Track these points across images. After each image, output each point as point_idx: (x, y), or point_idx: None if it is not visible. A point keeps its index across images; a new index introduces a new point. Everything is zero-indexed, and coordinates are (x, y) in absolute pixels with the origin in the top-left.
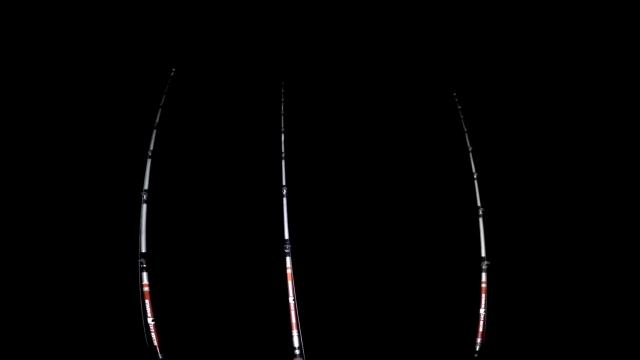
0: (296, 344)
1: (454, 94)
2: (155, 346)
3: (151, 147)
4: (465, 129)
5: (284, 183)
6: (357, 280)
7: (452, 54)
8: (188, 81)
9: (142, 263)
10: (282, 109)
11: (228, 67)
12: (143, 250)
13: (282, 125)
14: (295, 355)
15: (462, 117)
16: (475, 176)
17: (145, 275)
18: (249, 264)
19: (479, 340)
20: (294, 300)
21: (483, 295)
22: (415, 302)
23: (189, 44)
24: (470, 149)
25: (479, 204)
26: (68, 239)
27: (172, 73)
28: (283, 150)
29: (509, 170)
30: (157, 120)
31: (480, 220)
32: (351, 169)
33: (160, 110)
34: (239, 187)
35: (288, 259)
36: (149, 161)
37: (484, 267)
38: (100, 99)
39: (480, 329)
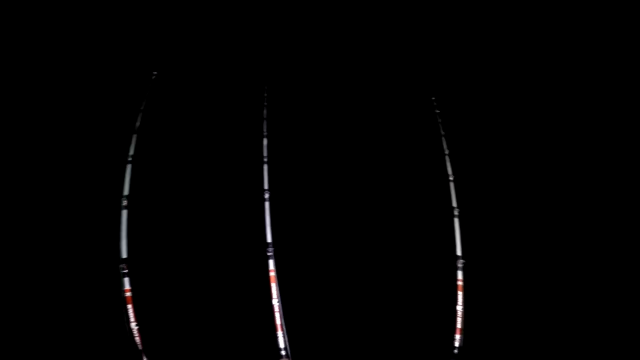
0: (282, 345)
1: (433, 98)
2: (140, 351)
3: (131, 152)
4: (443, 133)
5: (266, 187)
6: (340, 281)
7: (432, 59)
8: (169, 84)
9: (123, 268)
10: (265, 113)
11: (210, 71)
12: (124, 255)
13: (265, 130)
14: (281, 356)
15: (439, 121)
16: (451, 178)
17: (127, 280)
18: (233, 267)
19: (457, 336)
20: (278, 302)
21: (460, 293)
22: (395, 300)
23: (171, 47)
24: (446, 153)
25: (454, 205)
26: (47, 246)
27: (153, 76)
28: (265, 154)
29: (483, 173)
30: (137, 124)
31: (456, 220)
32: (332, 173)
33: (140, 114)
34: (222, 191)
35: (271, 262)
36: (129, 166)
37: (459, 265)
38: (79, 103)
39: (459, 325)
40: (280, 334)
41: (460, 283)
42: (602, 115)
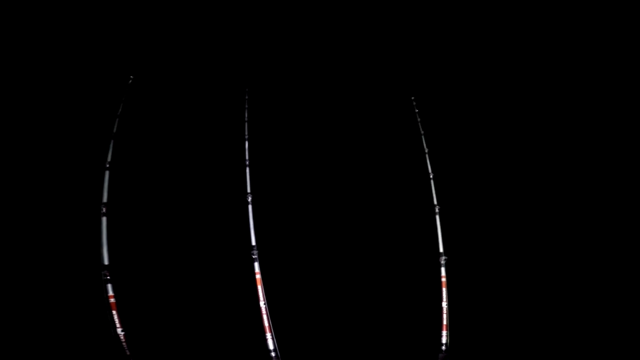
0: (271, 346)
1: (412, 98)
2: (127, 356)
3: (109, 159)
4: (422, 132)
5: (248, 190)
6: (325, 281)
7: (411, 60)
8: (147, 88)
9: (105, 275)
10: (246, 116)
11: (190, 73)
12: (106, 262)
13: (246, 133)
14: (271, 358)
15: (419, 120)
16: (431, 176)
17: (110, 287)
18: (218, 271)
19: (444, 332)
20: (265, 304)
21: (444, 289)
22: (380, 298)
23: (148, 50)
24: (426, 151)
25: (435, 202)
26: (27, 257)
27: (130, 81)
28: (247, 157)
29: (462, 171)
30: (114, 129)
31: (437, 217)
32: (314, 174)
33: (117, 119)
34: (205, 195)
35: (256, 265)
36: (107, 173)
37: (442, 262)
38: (53, 109)
39: (445, 322)
40: (269, 335)
41: (444, 280)
42: (578, 110)
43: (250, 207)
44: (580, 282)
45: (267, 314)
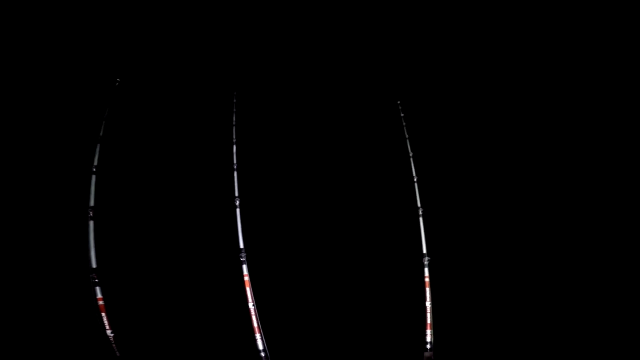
0: (260, 346)
1: (398, 102)
2: (117, 357)
3: (95, 162)
4: (407, 136)
5: (236, 194)
6: (312, 282)
7: (397, 64)
8: (134, 91)
9: (93, 278)
10: (234, 120)
11: (178, 76)
12: (94, 265)
13: (234, 137)
14: (260, 358)
15: (404, 124)
16: (415, 179)
17: (98, 289)
18: (207, 274)
19: (428, 331)
20: (253, 305)
21: (427, 289)
22: (366, 298)
23: (135, 52)
24: (411, 155)
25: (419, 204)
26: (17, 260)
27: (117, 83)
28: (235, 161)
29: (445, 174)
30: (100, 133)
31: (421, 219)
32: (301, 176)
33: (104, 122)
34: (193, 199)
35: (244, 267)
36: (93, 177)
37: (425, 262)
38: (40, 112)
39: (429, 321)
40: (258, 336)
41: (427, 279)
42: (563, 113)
43: (238, 210)
44: (564, 281)
45: (256, 314)
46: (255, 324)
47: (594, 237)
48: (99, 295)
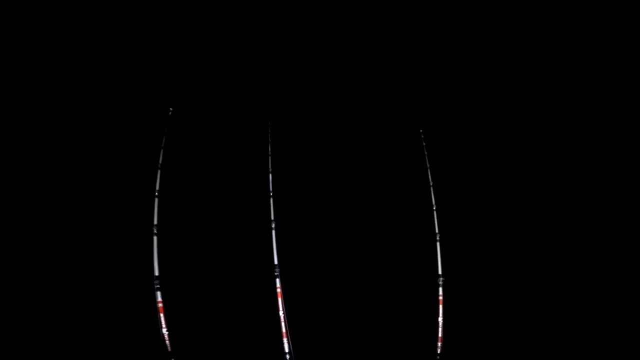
0: (287, 349)
1: (421, 131)
2: (169, 352)
3: (157, 187)
4: (428, 165)
5: (272, 218)
6: (336, 296)
7: (420, 94)
8: (184, 121)
9: (156, 284)
10: (269, 150)
11: (219, 108)
12: (156, 273)
13: (270, 166)
14: (285, 359)
15: (426, 153)
16: (434, 207)
17: (159, 293)
18: (246, 285)
19: (439, 344)
20: (283, 314)
21: (440, 306)
22: (385, 312)
23: (184, 84)
24: (431, 184)
25: (436, 230)
26: (97, 270)
27: (170, 112)
28: (271, 189)
29: (462, 203)
30: (160, 161)
31: (438, 244)
32: (329, 202)
33: (162, 150)
34: (237, 221)
35: (277, 280)
36: (156, 200)
37: (440, 282)
38: (107, 148)
39: (440, 334)
40: (285, 340)
41: (440, 298)
42: (574, 142)
43: (273, 232)
44: (574, 302)
45: (285, 322)
46: (283, 330)
47: (615, 267)
48: (159, 299)
